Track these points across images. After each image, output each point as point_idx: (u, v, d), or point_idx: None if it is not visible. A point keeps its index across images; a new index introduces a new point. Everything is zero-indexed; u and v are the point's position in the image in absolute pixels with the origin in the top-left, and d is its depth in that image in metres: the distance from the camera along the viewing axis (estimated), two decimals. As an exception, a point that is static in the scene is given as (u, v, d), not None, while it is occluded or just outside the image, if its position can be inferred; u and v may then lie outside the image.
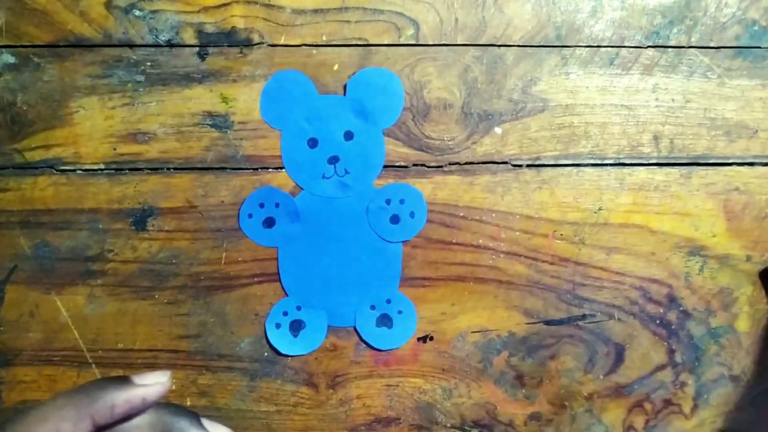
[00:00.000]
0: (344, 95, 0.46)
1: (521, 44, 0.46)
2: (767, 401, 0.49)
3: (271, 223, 0.46)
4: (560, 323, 0.48)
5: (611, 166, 0.47)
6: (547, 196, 0.47)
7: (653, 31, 0.46)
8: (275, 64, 0.46)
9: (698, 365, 0.48)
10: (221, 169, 0.46)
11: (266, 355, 0.47)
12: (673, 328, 0.48)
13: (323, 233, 0.47)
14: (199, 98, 0.46)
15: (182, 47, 0.45)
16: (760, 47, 0.46)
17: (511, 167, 0.47)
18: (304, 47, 0.46)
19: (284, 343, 0.47)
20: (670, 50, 0.46)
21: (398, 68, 0.46)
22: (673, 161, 0.47)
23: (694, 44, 0.46)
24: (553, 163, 0.47)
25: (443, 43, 0.46)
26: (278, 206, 0.46)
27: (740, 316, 0.48)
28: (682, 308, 0.48)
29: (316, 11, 0.45)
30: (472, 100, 0.46)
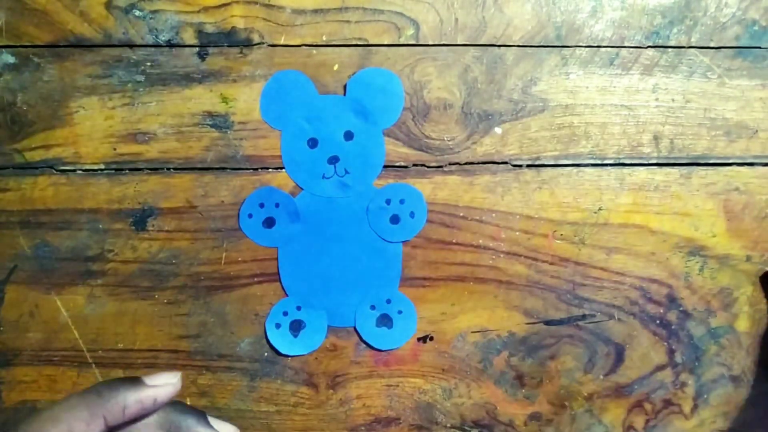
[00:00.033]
0: (344, 95, 0.46)
1: (521, 44, 0.46)
2: (767, 401, 0.49)
3: (271, 223, 0.46)
4: (560, 323, 0.48)
5: (611, 166, 0.47)
6: (547, 196, 0.47)
7: (653, 31, 0.46)
8: (275, 64, 0.46)
9: (698, 365, 0.48)
10: (221, 169, 0.46)
11: (266, 355, 0.47)
12: (673, 328, 0.48)
13: (323, 233, 0.47)
14: (199, 98, 0.46)
15: (182, 47, 0.45)
16: (760, 47, 0.46)
17: (511, 167, 0.47)
18: (304, 47, 0.46)
19: (284, 343, 0.47)
20: (670, 50, 0.46)
21: (398, 68, 0.46)
22: (673, 161, 0.47)
23: (694, 44, 0.46)
24: (553, 163, 0.47)
25: (443, 43, 0.46)
26: (278, 206, 0.46)
27: (740, 316, 0.48)
28: (682, 308, 0.48)
29: (316, 11, 0.45)
30: (472, 100, 0.46)
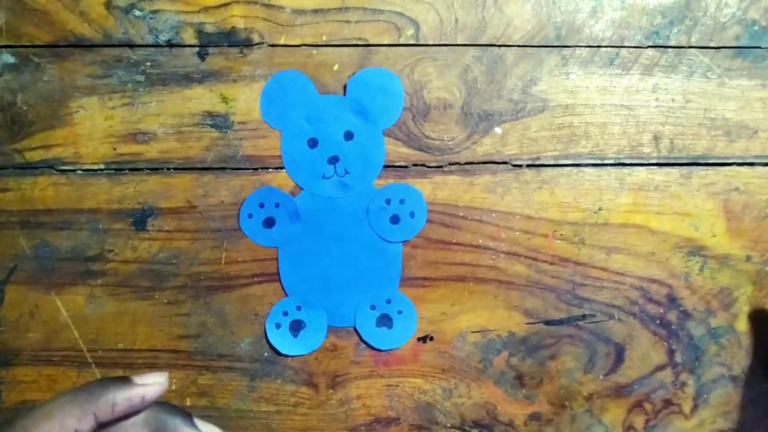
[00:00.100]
0: (344, 95, 0.46)
1: (521, 44, 0.46)
2: (767, 401, 0.49)
3: (271, 223, 0.46)
4: (560, 323, 0.48)
5: (611, 166, 0.47)
6: (547, 196, 0.47)
7: (653, 31, 0.46)
8: (275, 64, 0.46)
9: (698, 365, 0.48)
10: (221, 169, 0.46)
11: (266, 355, 0.47)
12: (673, 328, 0.48)
13: (323, 233, 0.47)
14: (199, 98, 0.46)
15: (182, 47, 0.45)
16: (760, 47, 0.46)
17: (511, 167, 0.47)
18: (304, 47, 0.46)
19: (284, 343, 0.47)
20: (670, 50, 0.46)
21: (398, 68, 0.46)
22: (673, 161, 0.47)
23: (694, 44, 0.46)
24: (553, 163, 0.47)
25: (443, 43, 0.46)
26: (278, 206, 0.46)
27: (740, 316, 0.48)
28: (682, 308, 0.48)
29: (316, 11, 0.45)
30: (472, 100, 0.46)
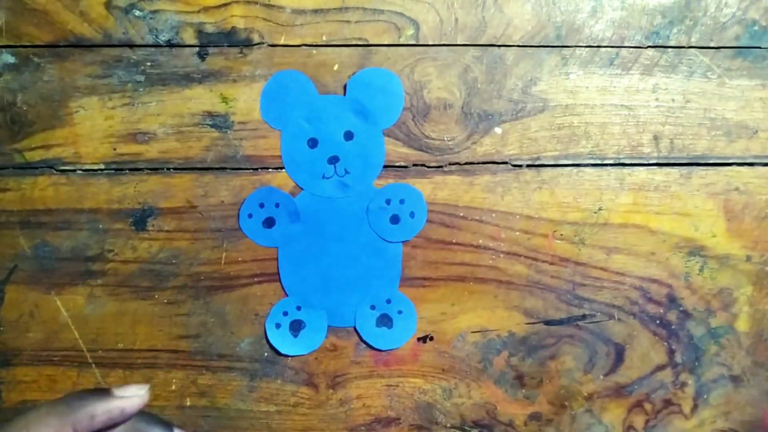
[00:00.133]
0: (344, 95, 0.46)
1: (521, 44, 0.46)
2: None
3: (271, 223, 0.46)
4: (560, 323, 0.48)
5: (611, 166, 0.47)
6: (547, 196, 0.47)
7: (653, 31, 0.46)
8: (275, 64, 0.46)
9: (698, 365, 0.48)
10: (221, 169, 0.46)
11: (266, 355, 0.47)
12: (673, 328, 0.48)
13: (323, 233, 0.47)
14: (199, 98, 0.46)
15: (182, 47, 0.45)
16: (760, 47, 0.46)
17: (511, 167, 0.47)
18: (304, 47, 0.46)
19: (284, 343, 0.47)
20: (670, 50, 0.46)
21: (398, 68, 0.46)
22: (673, 161, 0.47)
23: (694, 44, 0.46)
24: (553, 163, 0.47)
25: (443, 43, 0.46)
26: (278, 206, 0.46)
27: (740, 316, 0.48)
28: (682, 308, 0.48)
29: (316, 11, 0.45)
30: (472, 100, 0.46)
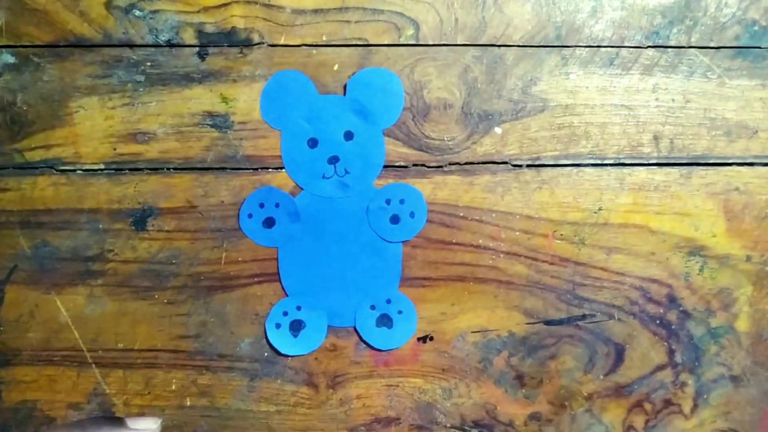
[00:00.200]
0: (344, 95, 0.46)
1: (521, 44, 0.46)
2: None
3: (271, 223, 0.46)
4: (560, 323, 0.48)
5: (611, 166, 0.47)
6: (547, 196, 0.47)
7: (653, 31, 0.46)
8: (275, 64, 0.46)
9: (698, 365, 0.48)
10: (221, 169, 0.46)
11: (266, 355, 0.47)
12: (673, 328, 0.48)
13: (323, 233, 0.47)
14: (199, 98, 0.46)
15: (182, 47, 0.45)
16: (760, 47, 0.46)
17: (511, 167, 0.47)
18: (304, 47, 0.46)
19: (284, 343, 0.47)
20: (670, 50, 0.46)
21: (398, 68, 0.46)
22: (673, 161, 0.47)
23: (694, 44, 0.46)
24: (553, 163, 0.47)
25: (443, 43, 0.46)
26: (278, 206, 0.46)
27: (740, 316, 0.48)
28: (682, 308, 0.48)
29: (316, 11, 0.45)
30: (472, 100, 0.46)
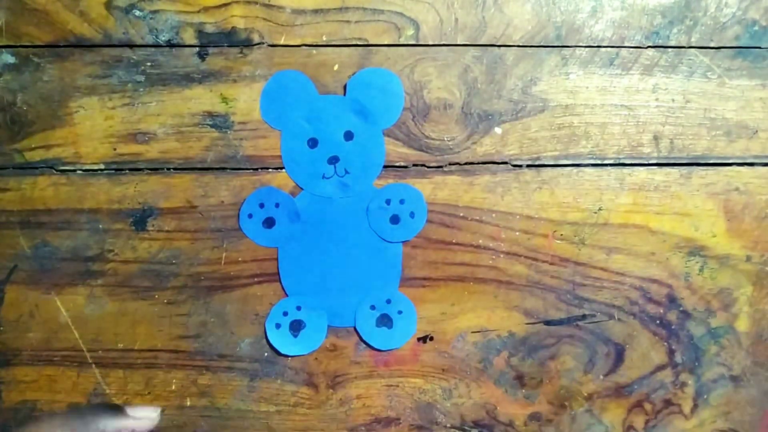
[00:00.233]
0: (344, 95, 0.46)
1: (521, 44, 0.46)
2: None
3: (271, 223, 0.46)
4: (560, 323, 0.48)
5: (611, 166, 0.47)
6: (547, 196, 0.47)
7: (653, 31, 0.46)
8: (275, 64, 0.46)
9: (698, 365, 0.48)
10: (221, 169, 0.46)
11: (266, 355, 0.47)
12: (673, 328, 0.48)
13: (323, 233, 0.47)
14: (199, 98, 0.46)
15: (182, 47, 0.45)
16: (760, 47, 0.46)
17: (511, 167, 0.47)
18: (304, 47, 0.46)
19: (284, 343, 0.47)
20: (670, 50, 0.46)
21: (398, 68, 0.46)
22: (673, 161, 0.47)
23: (694, 44, 0.46)
24: (553, 163, 0.47)
25: (443, 43, 0.46)
26: (278, 206, 0.46)
27: (740, 316, 0.48)
28: (682, 308, 0.48)
29: (316, 11, 0.45)
30: (472, 100, 0.46)
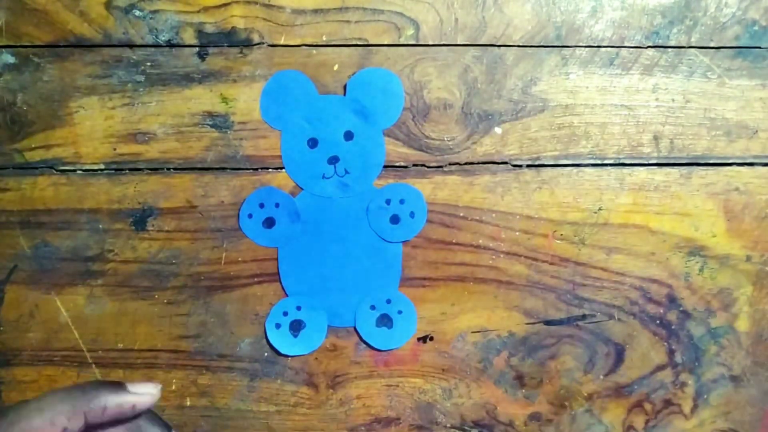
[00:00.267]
0: (344, 95, 0.46)
1: (521, 44, 0.46)
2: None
3: (271, 223, 0.46)
4: (560, 323, 0.48)
5: (611, 166, 0.47)
6: (547, 196, 0.47)
7: (653, 31, 0.46)
8: (275, 64, 0.46)
9: (698, 365, 0.48)
10: (221, 169, 0.46)
11: (266, 355, 0.47)
12: (673, 328, 0.48)
13: (323, 233, 0.47)
14: (199, 98, 0.46)
15: (182, 47, 0.45)
16: (760, 47, 0.46)
17: (511, 167, 0.47)
18: (304, 47, 0.46)
19: (284, 343, 0.47)
20: (670, 50, 0.46)
21: (398, 68, 0.46)
22: (673, 161, 0.47)
23: (694, 44, 0.46)
24: (553, 163, 0.47)
25: (443, 43, 0.46)
26: (278, 206, 0.46)
27: (740, 316, 0.48)
28: (682, 308, 0.48)
29: (316, 11, 0.45)
30: (472, 100, 0.46)
